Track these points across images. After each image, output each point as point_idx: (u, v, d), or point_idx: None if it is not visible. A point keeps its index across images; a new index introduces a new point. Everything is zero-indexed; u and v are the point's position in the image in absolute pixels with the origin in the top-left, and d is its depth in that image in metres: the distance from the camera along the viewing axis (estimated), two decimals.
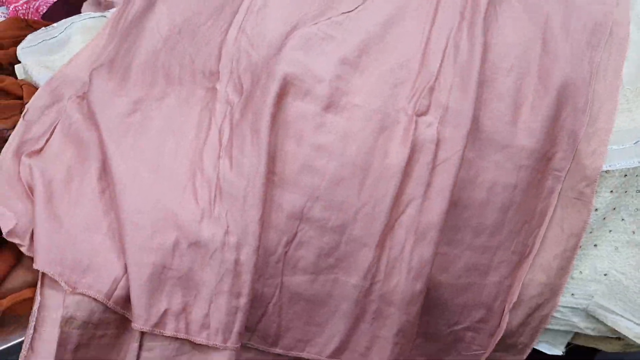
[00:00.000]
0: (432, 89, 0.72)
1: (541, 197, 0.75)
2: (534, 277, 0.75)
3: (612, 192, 0.74)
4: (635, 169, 0.73)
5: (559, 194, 0.75)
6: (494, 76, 0.74)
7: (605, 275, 0.76)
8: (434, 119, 0.71)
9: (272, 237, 0.69)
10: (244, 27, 0.77)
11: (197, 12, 0.82)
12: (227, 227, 0.66)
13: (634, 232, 0.75)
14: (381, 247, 0.70)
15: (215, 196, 0.68)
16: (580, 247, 0.75)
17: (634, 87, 0.76)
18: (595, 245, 0.76)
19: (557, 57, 0.75)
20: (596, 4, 0.80)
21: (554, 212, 0.75)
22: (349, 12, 0.77)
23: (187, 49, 0.79)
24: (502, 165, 0.72)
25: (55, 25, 0.93)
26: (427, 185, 0.70)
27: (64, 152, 0.73)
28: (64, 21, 0.93)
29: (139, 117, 0.75)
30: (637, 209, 0.75)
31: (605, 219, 0.75)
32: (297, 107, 0.70)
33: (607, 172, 0.73)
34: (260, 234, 0.67)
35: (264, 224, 0.68)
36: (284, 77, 0.70)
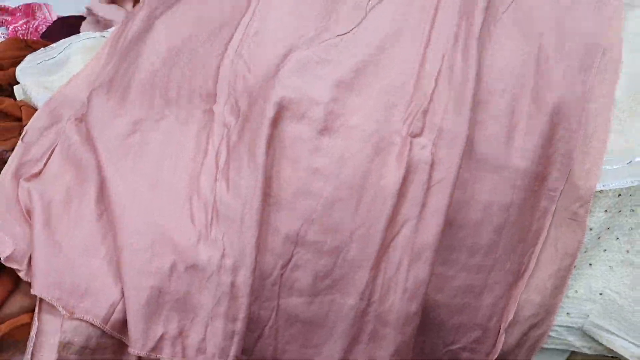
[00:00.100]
0: (426, 111, 0.73)
1: (535, 217, 0.76)
2: (529, 296, 0.76)
3: (606, 211, 0.75)
4: (629, 188, 0.73)
5: (554, 214, 0.75)
6: (488, 97, 0.74)
7: (600, 294, 0.76)
8: (428, 140, 0.71)
9: (269, 260, 0.69)
10: (240, 50, 0.77)
11: (195, 34, 0.82)
12: (224, 250, 0.67)
13: (628, 252, 0.75)
14: (377, 268, 0.71)
15: (212, 218, 0.69)
16: (575, 266, 0.75)
17: (627, 107, 0.77)
18: (590, 264, 0.77)
19: (551, 78, 0.76)
20: (589, 24, 0.80)
21: (548, 231, 0.76)
22: (344, 34, 0.77)
23: (185, 71, 0.80)
24: (497, 185, 0.73)
25: (54, 45, 0.93)
26: (422, 205, 0.70)
27: (63, 174, 0.74)
28: (63, 41, 0.94)
29: (137, 139, 0.76)
30: (631, 229, 0.75)
31: (599, 238, 0.76)
32: (293, 129, 0.71)
33: (600, 192, 0.74)
34: (256, 257, 0.67)
35: (260, 246, 0.68)
36: (280, 101, 0.71)
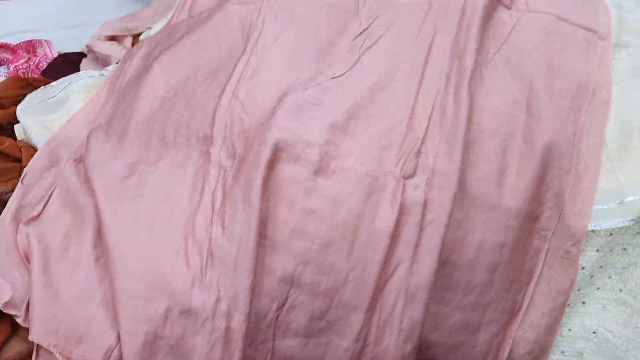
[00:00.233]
0: (418, 152, 0.74)
1: (528, 255, 0.76)
2: (523, 334, 0.76)
3: (598, 250, 0.75)
4: (620, 227, 0.74)
5: (546, 253, 0.76)
6: (480, 138, 0.76)
7: (594, 332, 0.76)
8: (421, 181, 0.72)
9: (264, 302, 0.70)
10: (237, 93, 0.79)
11: (192, 76, 0.84)
12: (218, 294, 0.67)
13: (621, 290, 0.76)
14: (372, 309, 0.71)
15: (207, 262, 0.69)
16: (568, 304, 0.76)
17: (616, 147, 0.78)
18: (583, 302, 0.77)
19: (542, 119, 0.77)
20: (578, 65, 0.82)
21: (541, 270, 0.76)
22: (339, 76, 0.79)
23: (182, 113, 0.81)
24: (490, 225, 0.73)
25: (54, 84, 0.95)
26: (416, 246, 0.71)
27: (61, 217, 0.75)
28: (63, 80, 0.95)
29: (134, 181, 0.77)
30: (624, 267, 0.76)
31: (592, 276, 0.76)
32: (289, 171, 0.72)
33: (592, 231, 0.74)
34: (251, 300, 0.68)
35: (256, 289, 0.69)
36: (275, 143, 0.72)
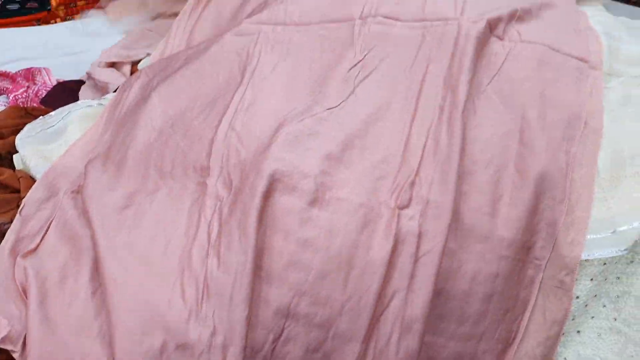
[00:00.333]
0: (412, 183, 0.75)
1: (522, 285, 0.77)
2: None
3: (592, 279, 0.76)
4: (613, 257, 0.75)
5: (540, 283, 0.77)
6: (474, 169, 0.76)
7: None
8: (415, 212, 0.73)
9: (259, 334, 0.70)
10: (233, 124, 0.80)
11: (190, 107, 0.85)
12: (214, 327, 0.68)
13: (615, 319, 0.76)
14: (367, 340, 0.71)
15: (202, 294, 0.70)
16: (563, 334, 0.76)
17: (609, 176, 0.79)
18: (578, 331, 0.77)
19: (534, 149, 0.78)
20: (570, 94, 0.83)
21: (535, 300, 0.77)
22: (334, 107, 0.80)
23: (179, 143, 0.82)
24: (484, 255, 0.74)
25: (52, 113, 0.96)
26: (411, 277, 0.71)
27: (59, 250, 0.75)
28: (61, 110, 0.96)
29: (131, 212, 0.77)
30: (618, 296, 0.76)
31: (587, 306, 0.77)
32: (284, 202, 0.73)
33: (586, 260, 0.75)
34: (247, 333, 0.68)
35: (251, 321, 0.69)
36: (271, 174, 0.73)
